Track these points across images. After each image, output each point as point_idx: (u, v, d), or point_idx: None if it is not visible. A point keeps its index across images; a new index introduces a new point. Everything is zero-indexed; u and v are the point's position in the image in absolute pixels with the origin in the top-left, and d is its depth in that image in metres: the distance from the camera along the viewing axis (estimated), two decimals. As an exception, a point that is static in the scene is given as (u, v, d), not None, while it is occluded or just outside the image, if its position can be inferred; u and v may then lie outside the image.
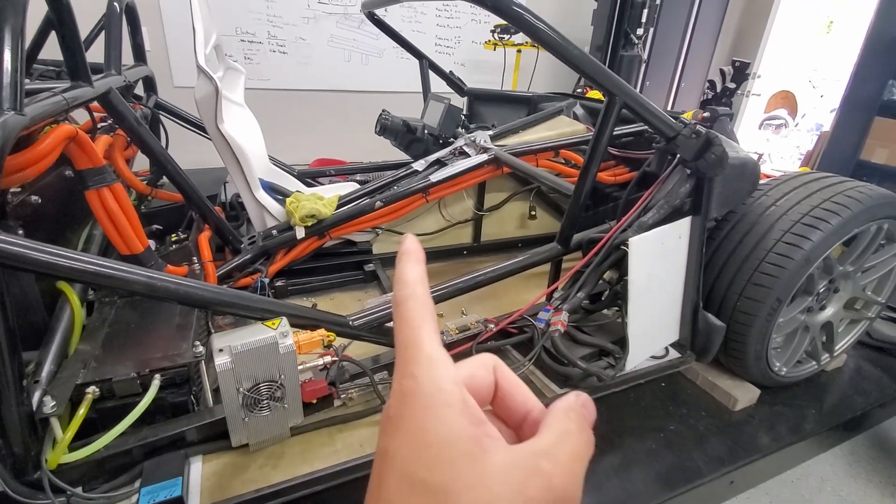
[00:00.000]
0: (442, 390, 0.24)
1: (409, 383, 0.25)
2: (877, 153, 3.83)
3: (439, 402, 0.24)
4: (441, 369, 0.25)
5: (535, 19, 1.05)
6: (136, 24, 1.87)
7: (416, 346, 0.26)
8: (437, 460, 0.23)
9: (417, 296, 0.27)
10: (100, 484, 0.97)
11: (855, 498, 1.70)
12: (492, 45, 3.82)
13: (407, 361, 0.25)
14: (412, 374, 0.25)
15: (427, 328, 0.26)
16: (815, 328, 1.46)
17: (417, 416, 0.24)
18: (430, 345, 0.26)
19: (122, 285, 0.86)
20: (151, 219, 1.76)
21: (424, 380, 0.24)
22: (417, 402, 0.24)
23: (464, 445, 0.23)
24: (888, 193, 1.32)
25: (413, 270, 0.28)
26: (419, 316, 0.26)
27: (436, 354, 0.25)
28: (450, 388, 0.24)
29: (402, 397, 0.25)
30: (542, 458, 0.24)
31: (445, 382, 0.24)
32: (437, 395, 0.24)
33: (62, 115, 1.07)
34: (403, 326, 0.27)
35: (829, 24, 5.92)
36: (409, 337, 0.26)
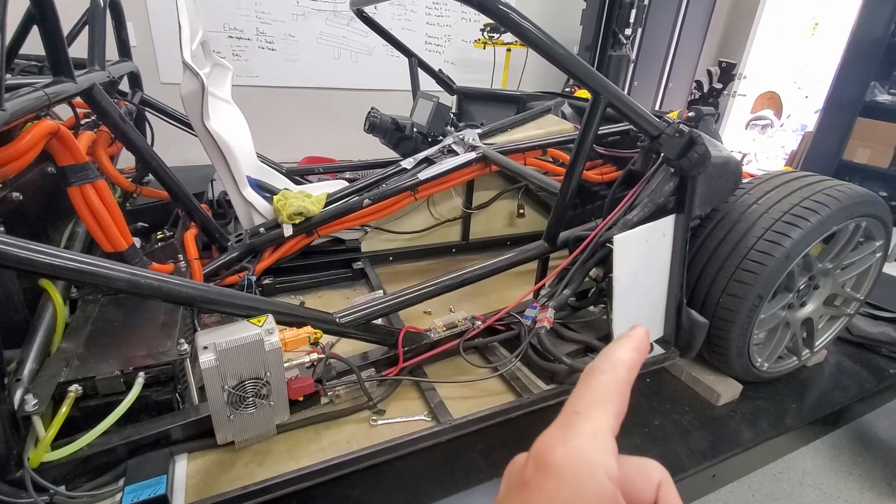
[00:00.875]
0: (595, 479, 0.21)
1: (562, 453, 0.21)
2: (859, 153, 3.91)
3: (589, 491, 0.21)
4: (602, 454, 0.22)
5: (521, 18, 1.05)
6: (121, 20, 1.85)
7: (585, 418, 0.23)
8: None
9: (618, 378, 0.25)
10: (83, 482, 0.96)
11: (835, 491, 1.74)
12: (481, 44, 3.82)
13: (567, 427, 0.22)
14: (568, 443, 0.22)
15: (607, 409, 0.23)
16: (795, 324, 1.49)
17: (562, 491, 0.21)
18: (599, 424, 0.22)
19: (105, 283, 0.85)
20: (137, 216, 1.75)
21: (580, 457, 0.21)
22: (564, 478, 0.21)
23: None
24: (866, 192, 1.35)
25: (627, 353, 0.26)
26: (607, 395, 0.24)
27: (602, 435, 0.22)
28: (603, 481, 0.21)
29: (547, 465, 0.21)
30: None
31: (601, 472, 0.21)
32: (589, 482, 0.21)
33: (44, 111, 1.05)
34: (583, 393, 0.24)
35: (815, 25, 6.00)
36: (582, 405, 0.23)
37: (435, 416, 1.20)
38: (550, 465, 0.21)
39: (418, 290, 1.31)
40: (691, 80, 5.17)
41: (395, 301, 1.28)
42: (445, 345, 1.34)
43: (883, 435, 1.96)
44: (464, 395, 1.29)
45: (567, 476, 0.21)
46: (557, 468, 0.21)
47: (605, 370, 0.25)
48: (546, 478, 0.21)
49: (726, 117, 5.46)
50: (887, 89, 3.82)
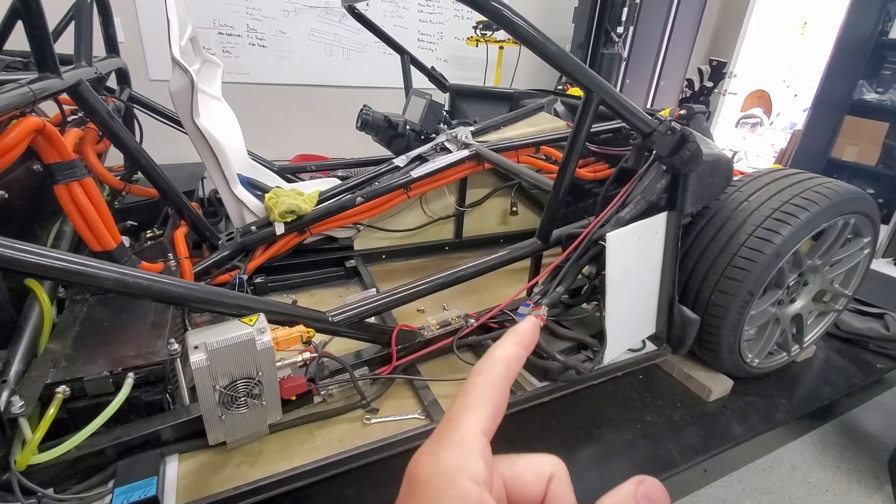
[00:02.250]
0: (456, 486, 0.21)
1: (427, 464, 0.22)
2: (847, 151, 3.96)
3: (449, 499, 0.21)
4: (466, 459, 0.22)
5: (514, 15, 1.05)
6: (108, 15, 1.82)
7: (455, 424, 0.23)
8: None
9: (492, 376, 0.25)
10: (72, 485, 0.95)
11: (824, 484, 1.76)
12: (474, 42, 3.81)
13: (438, 436, 0.23)
14: (432, 455, 0.22)
15: (479, 411, 0.23)
16: (785, 320, 1.51)
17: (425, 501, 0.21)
18: (469, 428, 0.23)
19: (93, 282, 0.84)
20: (126, 214, 1.72)
21: (441, 467, 0.22)
22: (425, 491, 0.21)
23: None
24: (854, 189, 1.37)
25: (508, 349, 0.26)
26: (479, 396, 0.24)
27: (469, 440, 0.22)
28: (465, 486, 0.21)
29: (413, 481, 0.22)
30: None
31: (463, 478, 0.21)
32: (449, 490, 0.21)
33: (29, 108, 1.03)
34: (458, 400, 0.24)
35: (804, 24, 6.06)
36: (455, 411, 0.24)
37: (428, 414, 1.20)
38: (416, 480, 0.22)
39: (411, 288, 1.31)
40: (682, 79, 5.20)
41: (388, 299, 1.28)
42: (439, 343, 1.33)
43: (870, 429, 1.99)
44: (457, 393, 1.29)
45: (428, 488, 0.21)
46: (421, 482, 0.22)
47: (483, 370, 0.25)
48: (411, 493, 0.22)
49: (717, 115, 5.50)
50: (874, 88, 3.87)
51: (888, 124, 3.76)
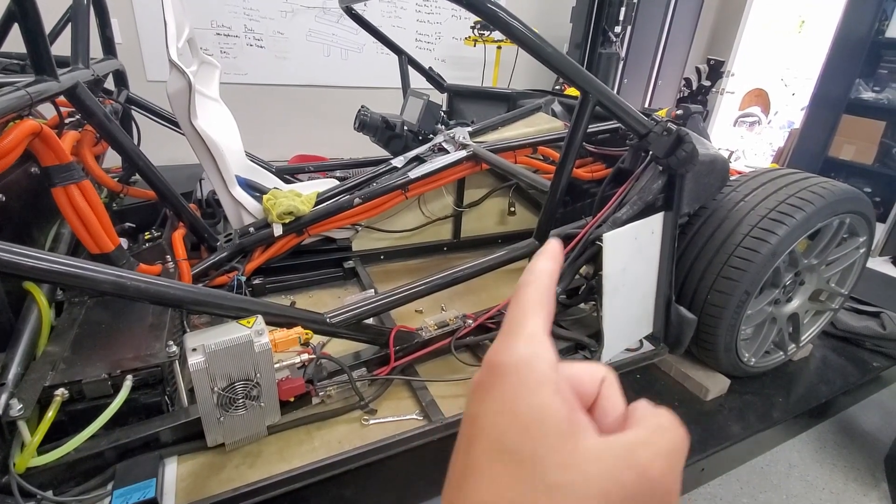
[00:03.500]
0: (535, 369, 0.24)
1: (505, 355, 0.25)
2: (844, 150, 3.97)
3: (533, 379, 0.24)
4: (540, 349, 0.25)
5: (509, 17, 1.05)
6: (105, 17, 1.82)
7: (520, 325, 0.26)
8: (527, 431, 0.22)
9: (540, 284, 0.28)
10: (71, 487, 0.95)
11: (821, 482, 1.77)
12: (472, 42, 3.81)
13: (507, 335, 0.26)
14: (509, 347, 0.25)
15: (537, 315, 0.26)
16: (781, 319, 1.51)
17: (509, 387, 0.24)
18: (533, 327, 0.26)
19: (90, 285, 0.84)
20: (124, 216, 1.73)
21: (521, 355, 0.24)
22: (510, 373, 0.24)
23: (555, 423, 0.23)
24: (850, 189, 1.37)
25: (545, 263, 0.29)
26: (534, 301, 0.27)
27: (537, 336, 0.25)
28: (544, 368, 0.24)
29: (495, 367, 0.25)
30: (637, 447, 0.23)
31: (541, 362, 0.24)
32: (531, 372, 0.24)
33: (26, 111, 1.03)
34: (515, 306, 0.27)
35: (801, 23, 6.07)
36: (516, 316, 0.26)
37: (427, 414, 1.20)
38: (497, 366, 0.24)
39: (409, 288, 1.31)
40: (680, 78, 5.21)
41: (386, 300, 1.28)
42: (437, 343, 1.34)
43: (867, 427, 2.00)
44: (455, 394, 1.29)
45: (511, 371, 0.24)
46: (503, 367, 0.24)
47: (530, 282, 0.28)
48: (494, 377, 0.24)
49: (715, 114, 5.51)
50: (871, 87, 3.89)
51: (885, 123, 3.78)
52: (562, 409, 0.23)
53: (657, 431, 0.24)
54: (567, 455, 0.22)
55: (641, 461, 0.22)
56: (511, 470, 0.22)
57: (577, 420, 0.23)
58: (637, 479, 0.22)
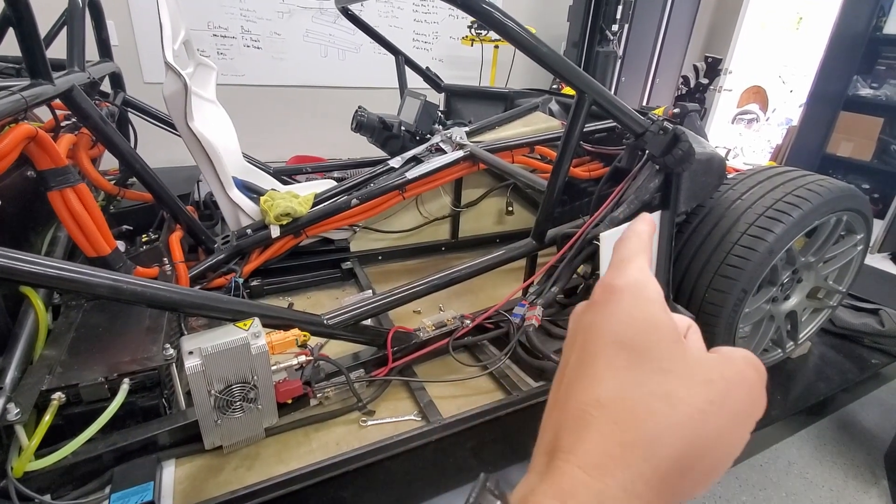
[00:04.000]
0: (647, 288, 0.28)
1: (620, 279, 0.28)
2: (842, 146, 3.97)
3: (645, 296, 0.28)
4: (648, 277, 0.29)
5: (504, 17, 1.05)
6: (101, 19, 1.82)
7: (631, 260, 0.30)
8: (642, 330, 0.26)
9: (642, 238, 0.32)
10: (69, 491, 0.95)
11: (820, 480, 1.77)
12: (469, 41, 3.81)
13: (618, 266, 0.29)
14: (624, 273, 0.29)
15: (642, 257, 0.30)
16: (779, 317, 1.51)
17: (625, 300, 0.27)
18: (641, 263, 0.30)
19: (86, 289, 0.84)
20: (121, 219, 1.72)
21: (636, 278, 0.28)
22: (626, 290, 0.28)
23: (666, 330, 0.27)
24: (846, 186, 1.37)
25: (644, 226, 0.33)
26: (638, 247, 0.31)
27: (646, 269, 0.29)
28: (655, 289, 0.28)
29: (610, 288, 0.28)
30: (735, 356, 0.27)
31: (653, 285, 0.28)
32: (643, 291, 0.28)
33: (21, 114, 1.03)
34: (622, 248, 0.31)
35: (799, 20, 6.07)
36: (625, 254, 0.30)
37: (425, 415, 1.20)
38: (612, 287, 0.28)
39: (407, 289, 1.31)
40: (678, 76, 5.21)
41: (384, 301, 1.28)
42: (435, 344, 1.34)
43: (866, 424, 2.00)
44: (453, 394, 1.29)
45: (627, 290, 0.28)
46: (620, 288, 0.28)
47: (632, 236, 0.32)
48: (610, 294, 0.28)
49: (713, 112, 5.50)
50: (869, 83, 3.88)
51: (883, 119, 3.77)
52: (669, 321, 0.27)
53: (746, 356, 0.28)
54: (677, 352, 0.26)
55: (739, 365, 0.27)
56: (628, 357, 0.26)
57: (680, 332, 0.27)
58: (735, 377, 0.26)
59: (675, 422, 0.24)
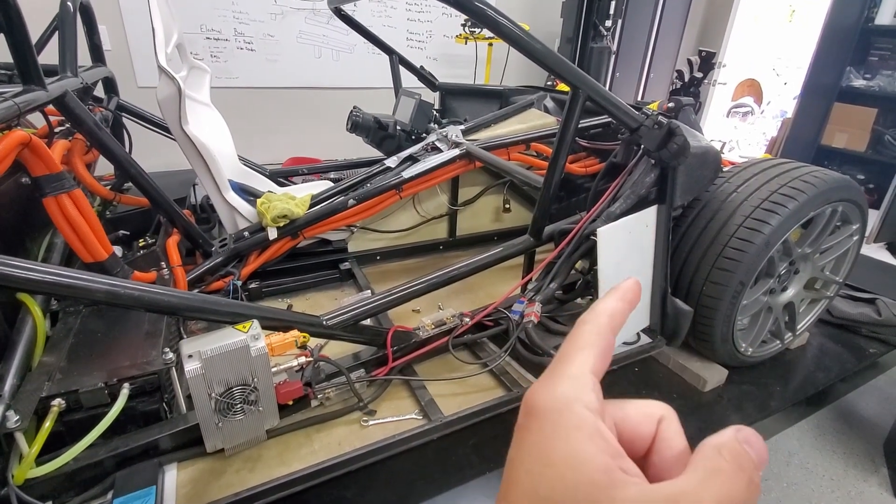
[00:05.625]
0: (572, 412, 0.23)
1: (541, 397, 0.24)
2: (836, 138, 3.98)
3: (567, 423, 0.23)
4: (579, 390, 0.24)
5: (497, 15, 1.05)
6: (93, 24, 1.81)
7: (566, 363, 0.25)
8: (560, 481, 0.22)
9: (597, 324, 0.27)
10: (71, 497, 0.95)
11: (821, 469, 1.78)
12: (463, 39, 3.81)
13: (549, 375, 0.25)
14: (547, 388, 0.24)
15: (586, 353, 0.26)
16: (777, 309, 1.52)
17: (544, 432, 0.23)
18: (578, 366, 0.25)
19: (84, 295, 0.84)
20: (117, 224, 1.72)
21: (557, 397, 0.24)
22: (545, 416, 0.23)
23: (589, 472, 0.22)
24: (841, 177, 1.38)
25: (611, 304, 0.28)
26: (586, 341, 0.26)
27: (581, 375, 0.25)
28: (581, 412, 0.23)
29: (531, 409, 0.24)
30: (681, 497, 0.21)
31: (578, 406, 0.23)
32: (566, 415, 0.23)
33: (14, 121, 1.03)
34: (565, 345, 0.27)
35: (791, 12, 6.08)
36: (564, 353, 0.26)
37: (426, 414, 1.21)
38: (534, 408, 0.24)
39: (406, 288, 1.31)
40: (672, 70, 5.21)
41: (382, 301, 1.28)
42: (434, 342, 1.34)
43: (865, 413, 2.01)
44: (454, 392, 1.30)
45: (547, 414, 0.24)
46: (539, 409, 0.24)
47: (588, 320, 0.27)
48: (531, 419, 0.24)
49: (708, 105, 5.51)
50: (862, 74, 3.89)
51: (876, 110, 3.78)
52: (597, 457, 0.22)
53: (707, 478, 0.22)
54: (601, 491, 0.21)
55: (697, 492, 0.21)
56: None
57: (615, 470, 0.22)
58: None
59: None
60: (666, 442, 0.26)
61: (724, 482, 0.21)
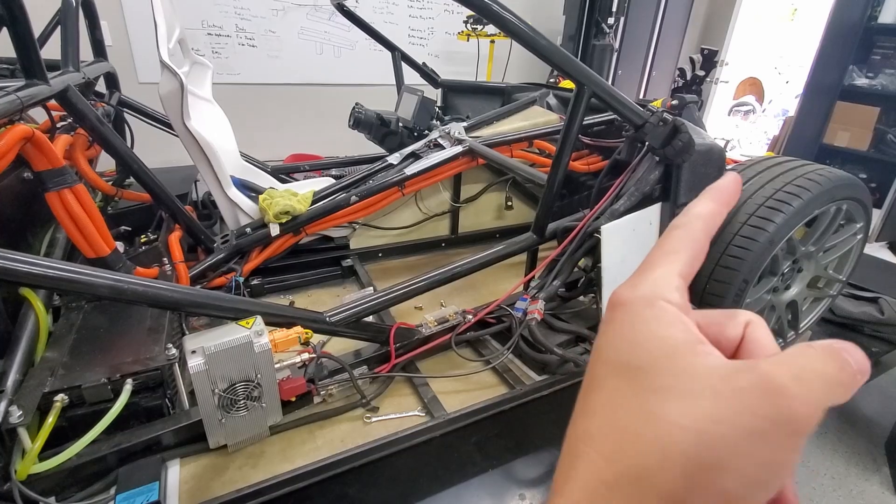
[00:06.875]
0: (654, 306, 0.24)
1: (626, 293, 0.25)
2: (839, 136, 3.97)
3: (649, 314, 0.24)
4: (662, 288, 0.25)
5: (502, 9, 1.05)
6: (94, 19, 1.80)
7: (651, 268, 0.26)
8: (644, 348, 0.23)
9: (689, 228, 0.27)
10: (74, 493, 0.95)
11: (822, 468, 1.78)
12: (465, 36, 3.79)
13: (637, 274, 0.26)
14: (633, 286, 0.25)
15: (675, 258, 0.26)
16: (780, 307, 1.52)
17: (627, 320, 0.24)
18: (663, 269, 0.25)
19: (86, 289, 0.84)
20: (119, 220, 1.71)
21: (640, 294, 0.25)
22: (628, 308, 0.25)
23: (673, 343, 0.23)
24: (846, 175, 1.37)
25: (706, 206, 0.27)
26: (675, 245, 0.26)
27: (665, 277, 0.25)
28: (663, 305, 0.24)
29: (615, 303, 0.25)
30: (777, 368, 0.20)
31: (660, 301, 0.24)
32: (649, 308, 0.24)
33: (17, 115, 1.02)
34: (656, 248, 0.27)
35: (794, 11, 6.07)
36: (652, 258, 0.26)
37: (429, 410, 1.20)
38: (618, 304, 0.25)
39: (408, 285, 1.31)
40: (674, 68, 5.20)
41: (385, 297, 1.28)
42: (437, 340, 1.34)
43: (867, 412, 2.01)
44: (457, 389, 1.29)
45: (629, 306, 0.25)
46: (622, 302, 0.25)
47: (680, 224, 0.27)
48: (615, 311, 0.25)
49: (709, 104, 5.50)
50: (865, 73, 3.88)
51: (879, 109, 3.77)
52: (680, 336, 0.23)
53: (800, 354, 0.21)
54: (683, 365, 0.22)
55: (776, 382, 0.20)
56: (624, 379, 0.23)
57: (698, 344, 0.23)
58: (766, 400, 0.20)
59: (668, 447, 0.20)
60: (755, 343, 0.26)
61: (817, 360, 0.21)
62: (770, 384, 0.20)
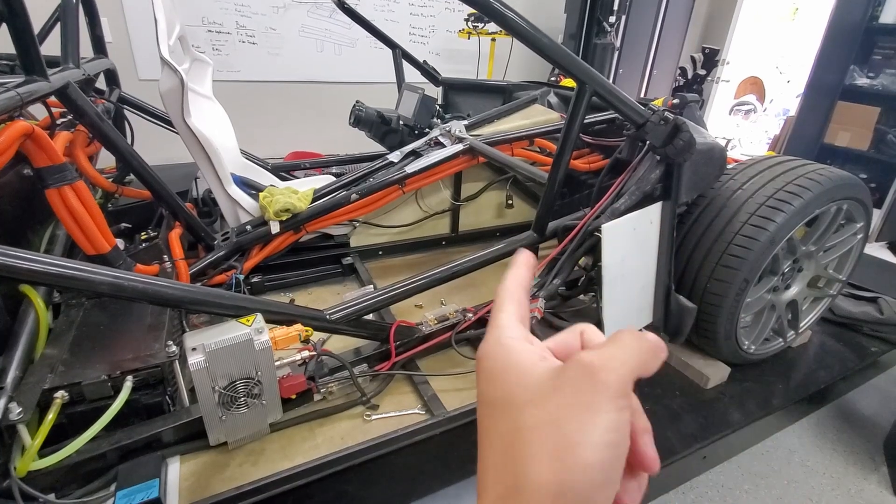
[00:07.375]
0: (500, 344, 0.30)
1: (482, 347, 0.31)
2: (839, 136, 3.97)
3: (500, 352, 0.30)
4: (503, 330, 0.31)
5: (504, 8, 1.04)
6: (95, 15, 1.80)
7: (494, 320, 0.32)
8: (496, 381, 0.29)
9: (508, 287, 0.34)
10: (74, 489, 0.95)
11: (821, 467, 1.78)
12: (466, 34, 3.79)
13: (487, 330, 0.32)
14: (486, 339, 0.31)
15: (507, 307, 0.32)
16: (780, 306, 1.52)
17: (487, 367, 0.30)
18: (502, 318, 0.32)
19: (87, 286, 0.84)
20: (119, 217, 1.71)
21: (491, 341, 0.31)
22: (487, 357, 0.30)
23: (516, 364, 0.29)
24: (846, 175, 1.37)
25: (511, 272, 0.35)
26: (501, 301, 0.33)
27: (503, 321, 0.32)
28: (507, 342, 0.30)
29: (479, 359, 0.31)
30: (589, 355, 0.27)
31: (505, 339, 0.30)
32: (498, 348, 0.30)
33: (16, 112, 1.02)
34: (493, 308, 0.33)
35: (795, 10, 6.05)
36: (492, 314, 0.33)
37: (429, 409, 1.21)
38: (481, 358, 0.31)
39: (409, 283, 1.31)
40: (675, 67, 5.19)
41: (385, 296, 1.28)
42: (437, 338, 1.34)
43: (866, 411, 2.02)
44: (457, 388, 1.29)
45: (488, 355, 0.30)
46: (484, 356, 0.31)
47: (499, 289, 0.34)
48: (480, 364, 0.31)
49: (710, 103, 5.50)
50: (865, 73, 3.88)
51: (879, 109, 3.77)
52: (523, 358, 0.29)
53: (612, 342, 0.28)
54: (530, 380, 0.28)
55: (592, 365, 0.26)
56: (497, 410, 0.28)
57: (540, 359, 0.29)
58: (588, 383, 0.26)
59: (538, 448, 0.25)
60: (589, 343, 0.32)
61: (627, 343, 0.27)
62: (586, 367, 0.26)
